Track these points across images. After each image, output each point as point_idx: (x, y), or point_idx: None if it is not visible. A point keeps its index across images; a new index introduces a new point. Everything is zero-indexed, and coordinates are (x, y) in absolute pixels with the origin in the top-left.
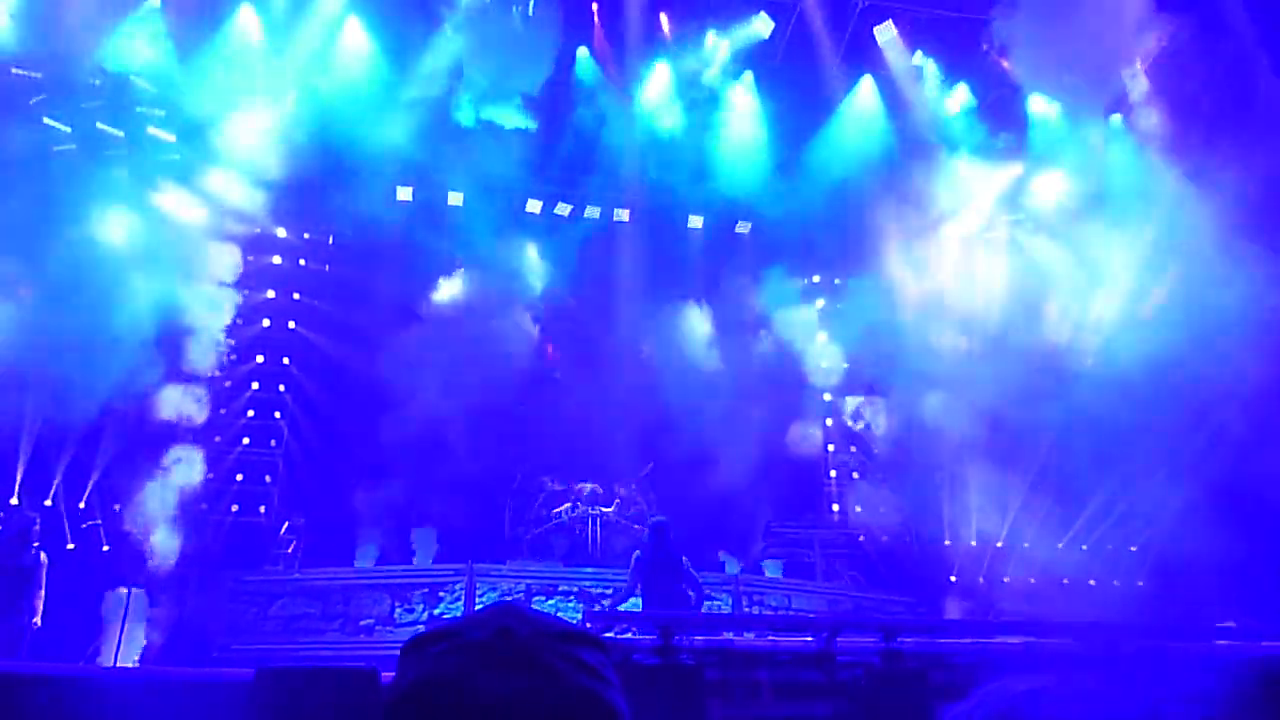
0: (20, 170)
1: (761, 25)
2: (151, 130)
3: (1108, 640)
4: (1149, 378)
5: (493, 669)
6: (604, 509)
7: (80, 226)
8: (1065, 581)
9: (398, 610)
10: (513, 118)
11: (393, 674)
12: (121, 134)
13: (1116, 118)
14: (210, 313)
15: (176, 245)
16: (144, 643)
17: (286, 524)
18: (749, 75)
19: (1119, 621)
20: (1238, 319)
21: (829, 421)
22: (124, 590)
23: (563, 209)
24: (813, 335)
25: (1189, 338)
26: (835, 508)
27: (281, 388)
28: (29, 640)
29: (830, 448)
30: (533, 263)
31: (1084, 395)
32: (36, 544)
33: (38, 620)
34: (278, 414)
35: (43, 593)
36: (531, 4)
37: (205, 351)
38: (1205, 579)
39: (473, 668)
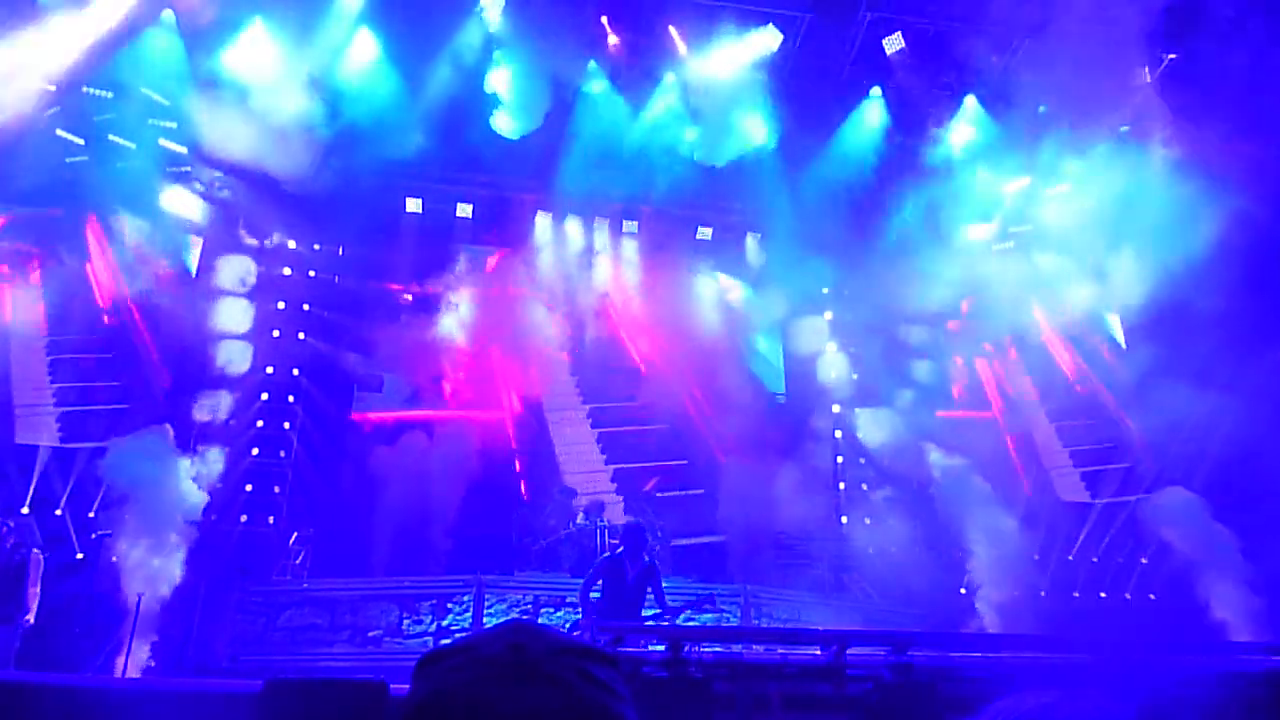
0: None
1: (770, 38)
2: (163, 142)
3: (1119, 654)
4: (1156, 386)
5: (506, 684)
6: (611, 521)
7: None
8: (1076, 595)
9: (406, 621)
10: (523, 131)
11: (402, 685)
12: (134, 145)
13: (1125, 129)
14: (221, 325)
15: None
16: (152, 653)
17: (295, 534)
18: (758, 87)
19: (1131, 635)
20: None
21: (838, 433)
22: (133, 600)
23: (572, 221)
24: (822, 346)
25: (1194, 348)
26: (844, 519)
27: (291, 398)
28: (21, 638)
29: (839, 459)
30: (543, 272)
31: (1092, 402)
32: (38, 550)
33: (30, 618)
34: (287, 424)
35: (36, 590)
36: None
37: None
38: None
39: (485, 683)
